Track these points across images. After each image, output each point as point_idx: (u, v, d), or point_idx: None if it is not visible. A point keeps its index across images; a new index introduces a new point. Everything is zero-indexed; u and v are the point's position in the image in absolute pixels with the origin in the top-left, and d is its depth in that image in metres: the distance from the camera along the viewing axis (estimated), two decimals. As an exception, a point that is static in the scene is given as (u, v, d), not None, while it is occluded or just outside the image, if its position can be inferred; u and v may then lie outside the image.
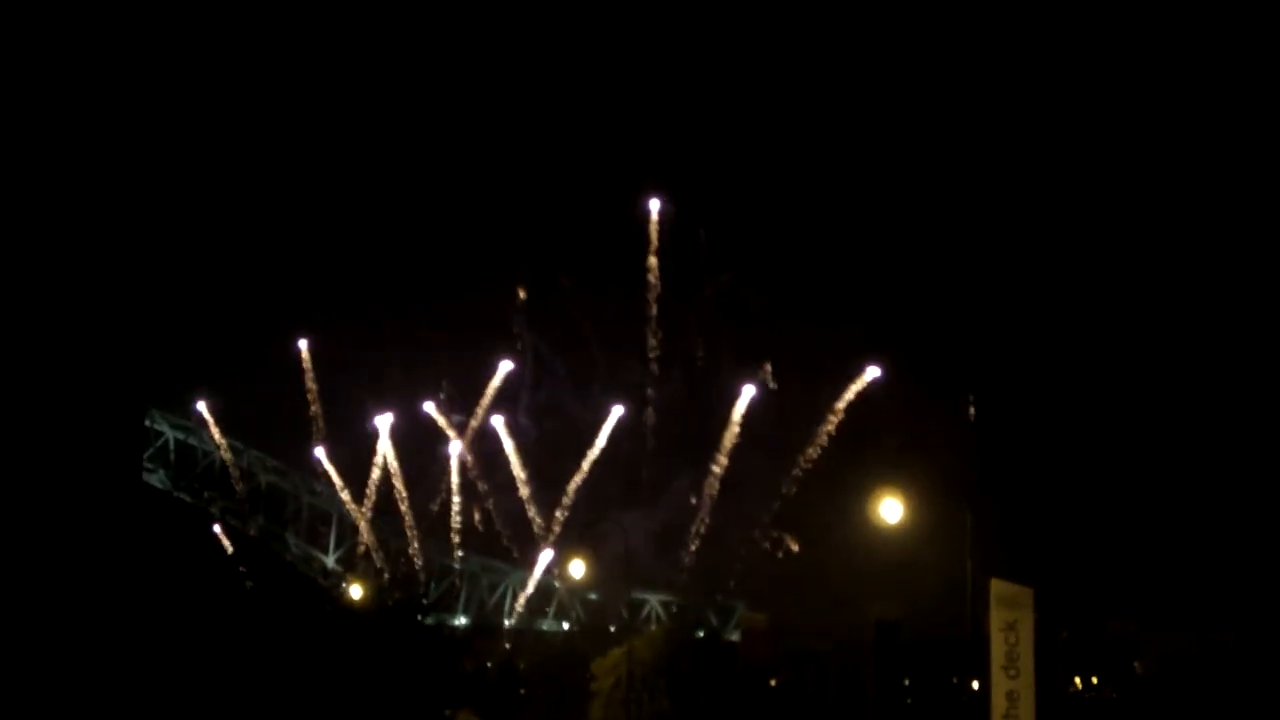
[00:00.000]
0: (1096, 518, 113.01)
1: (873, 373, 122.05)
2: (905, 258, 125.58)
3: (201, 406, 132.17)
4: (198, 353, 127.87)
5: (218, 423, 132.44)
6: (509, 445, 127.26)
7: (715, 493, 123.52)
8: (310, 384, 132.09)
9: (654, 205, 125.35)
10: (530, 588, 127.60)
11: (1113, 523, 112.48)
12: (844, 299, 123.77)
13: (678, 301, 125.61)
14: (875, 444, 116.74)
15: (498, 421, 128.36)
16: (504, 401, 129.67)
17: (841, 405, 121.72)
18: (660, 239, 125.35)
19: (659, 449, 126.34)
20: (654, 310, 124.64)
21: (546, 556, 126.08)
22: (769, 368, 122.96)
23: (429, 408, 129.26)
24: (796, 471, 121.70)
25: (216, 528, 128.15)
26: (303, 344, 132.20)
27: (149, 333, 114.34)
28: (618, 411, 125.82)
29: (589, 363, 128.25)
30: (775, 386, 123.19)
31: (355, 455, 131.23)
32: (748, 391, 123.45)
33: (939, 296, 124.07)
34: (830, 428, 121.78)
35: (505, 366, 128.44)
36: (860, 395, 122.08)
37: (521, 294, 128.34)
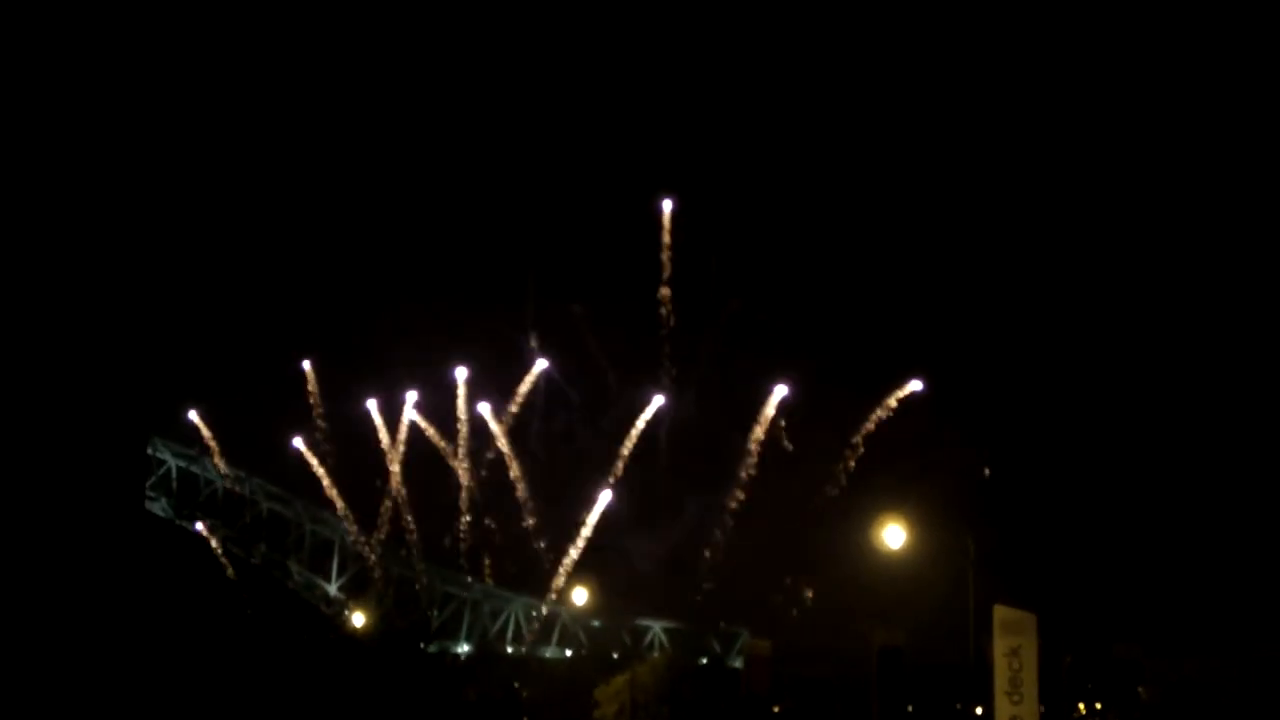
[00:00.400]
0: (1100, 543, 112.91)
1: (914, 385, 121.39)
2: (915, 287, 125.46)
3: (193, 415, 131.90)
4: (198, 379, 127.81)
5: (218, 449, 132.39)
6: (514, 470, 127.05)
7: (726, 524, 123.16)
8: (316, 404, 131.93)
9: (666, 206, 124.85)
10: (533, 614, 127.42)
11: (1116, 548, 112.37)
12: (857, 326, 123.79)
13: (690, 324, 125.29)
14: (880, 471, 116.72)
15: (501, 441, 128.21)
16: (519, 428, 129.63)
17: (875, 420, 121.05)
18: (673, 241, 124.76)
19: (671, 470, 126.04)
20: (670, 320, 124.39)
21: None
22: (783, 424, 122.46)
23: (433, 436, 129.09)
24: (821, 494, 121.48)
25: (218, 554, 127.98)
26: (306, 364, 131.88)
27: (151, 359, 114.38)
28: (658, 401, 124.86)
29: (601, 388, 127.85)
30: (791, 447, 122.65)
31: (359, 480, 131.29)
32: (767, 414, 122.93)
33: (945, 326, 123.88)
34: (849, 462, 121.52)
35: (540, 365, 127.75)
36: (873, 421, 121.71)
37: (533, 342, 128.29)
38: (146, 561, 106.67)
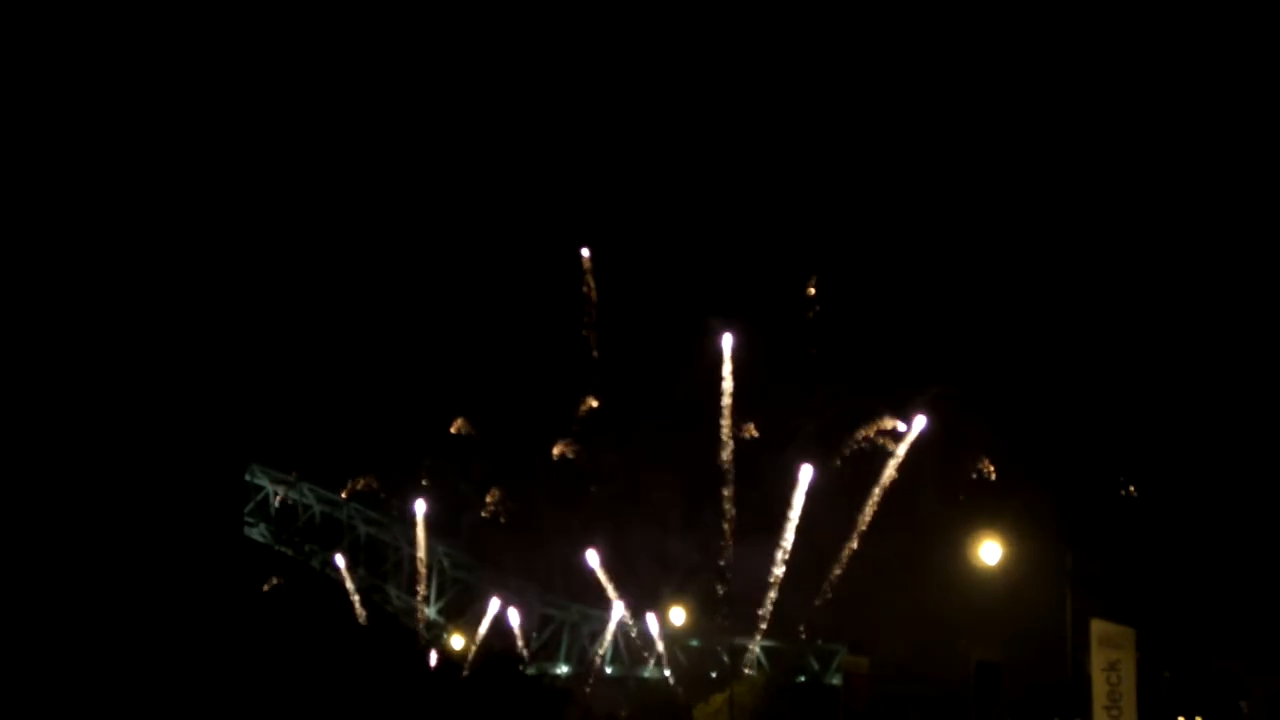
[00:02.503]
0: (1198, 557, 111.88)
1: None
2: (999, 305, 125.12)
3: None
4: (299, 405, 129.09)
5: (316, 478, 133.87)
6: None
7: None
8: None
9: (726, 340, 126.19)
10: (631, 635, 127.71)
11: (1215, 562, 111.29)
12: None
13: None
14: (974, 487, 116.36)
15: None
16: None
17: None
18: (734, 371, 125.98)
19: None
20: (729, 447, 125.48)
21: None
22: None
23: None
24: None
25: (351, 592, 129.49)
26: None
27: (249, 387, 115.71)
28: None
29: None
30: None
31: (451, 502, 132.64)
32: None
33: (1043, 343, 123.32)
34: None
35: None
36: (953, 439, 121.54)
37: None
38: (245, 587, 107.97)
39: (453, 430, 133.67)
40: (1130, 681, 56.08)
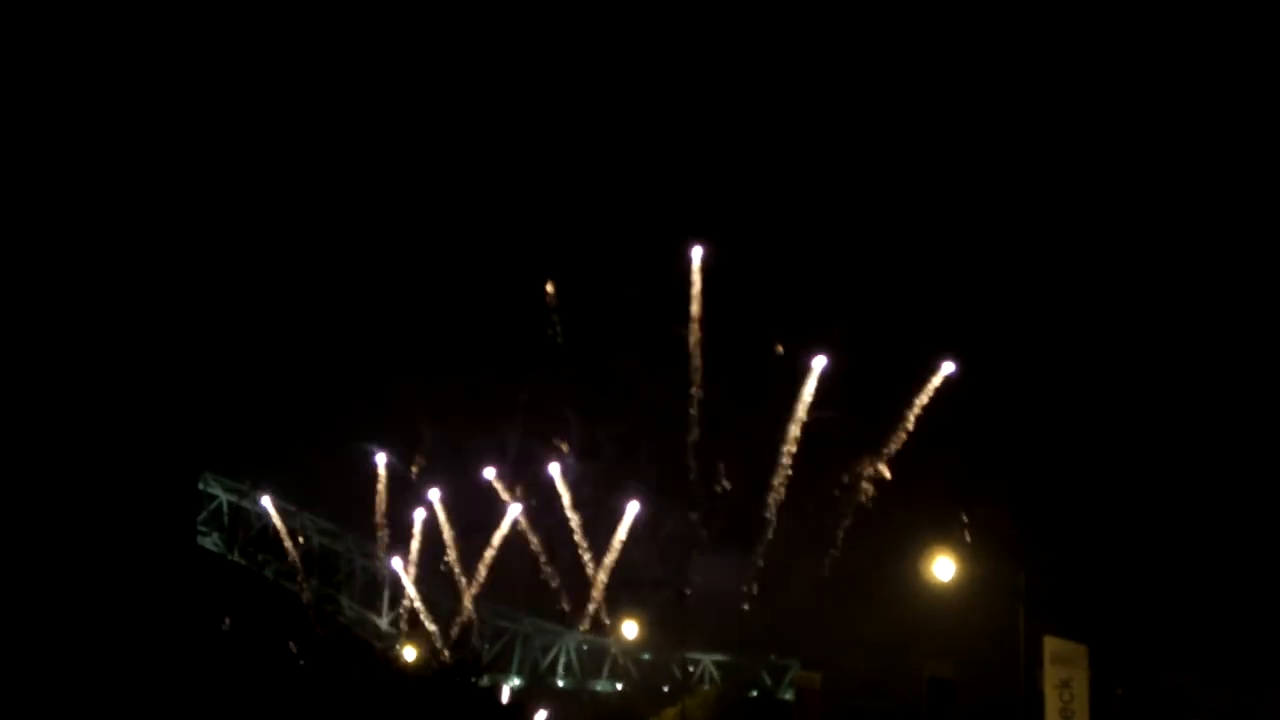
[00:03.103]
0: (1151, 573, 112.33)
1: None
2: (949, 305, 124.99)
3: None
4: (250, 414, 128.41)
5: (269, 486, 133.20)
6: (566, 498, 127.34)
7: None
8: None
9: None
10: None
11: (1168, 578, 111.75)
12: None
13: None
14: (928, 499, 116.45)
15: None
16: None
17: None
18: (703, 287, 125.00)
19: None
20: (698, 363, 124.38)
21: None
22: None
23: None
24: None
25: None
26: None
27: (202, 395, 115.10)
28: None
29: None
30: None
31: (405, 512, 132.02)
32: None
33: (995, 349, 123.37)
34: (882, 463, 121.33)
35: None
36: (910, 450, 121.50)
37: (563, 448, 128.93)
38: (198, 596, 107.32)
39: None
40: (1083, 699, 56.39)
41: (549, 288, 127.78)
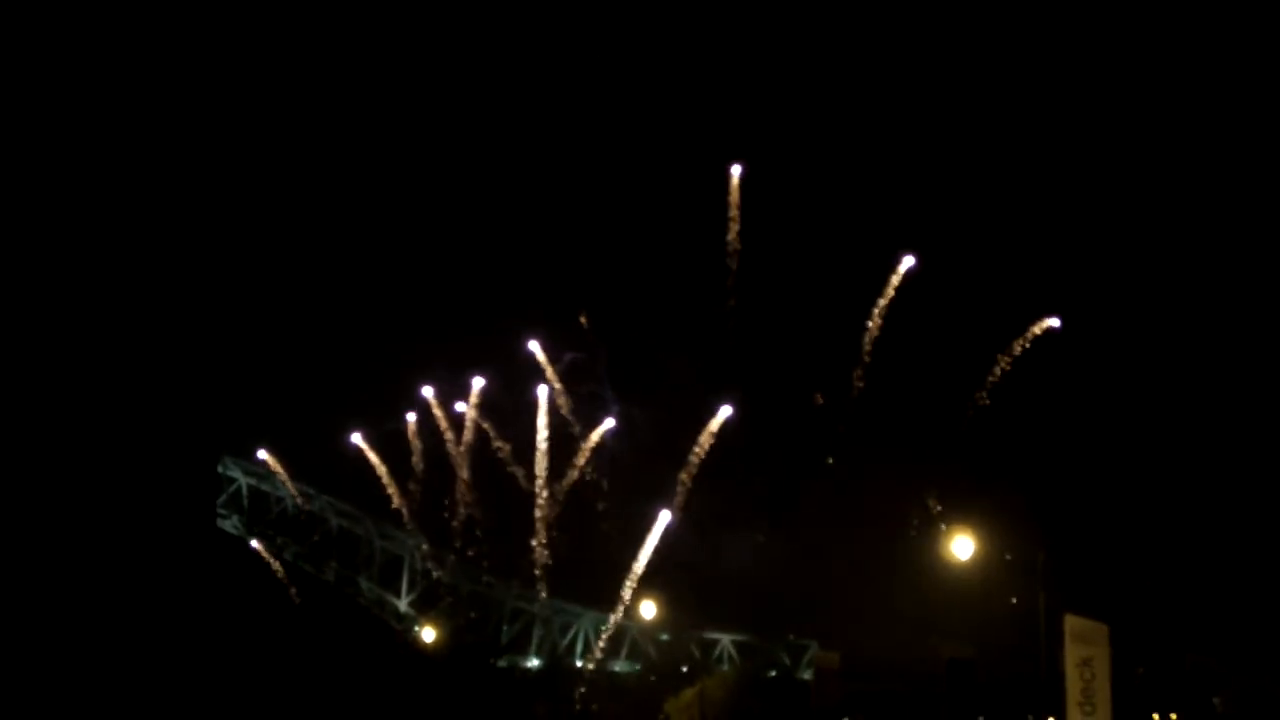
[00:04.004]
0: (1172, 552, 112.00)
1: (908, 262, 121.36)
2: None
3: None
4: (267, 396, 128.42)
5: (286, 467, 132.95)
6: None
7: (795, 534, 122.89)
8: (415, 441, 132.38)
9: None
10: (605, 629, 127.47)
11: (1188, 557, 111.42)
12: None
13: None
14: (947, 481, 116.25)
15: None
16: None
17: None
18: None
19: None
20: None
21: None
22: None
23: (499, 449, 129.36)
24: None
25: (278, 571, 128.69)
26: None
27: (222, 379, 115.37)
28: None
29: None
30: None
31: (430, 497, 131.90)
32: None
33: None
34: None
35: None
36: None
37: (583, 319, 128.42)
38: (217, 578, 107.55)
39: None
40: (1104, 677, 56.08)
41: (582, 318, 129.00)
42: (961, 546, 67.78)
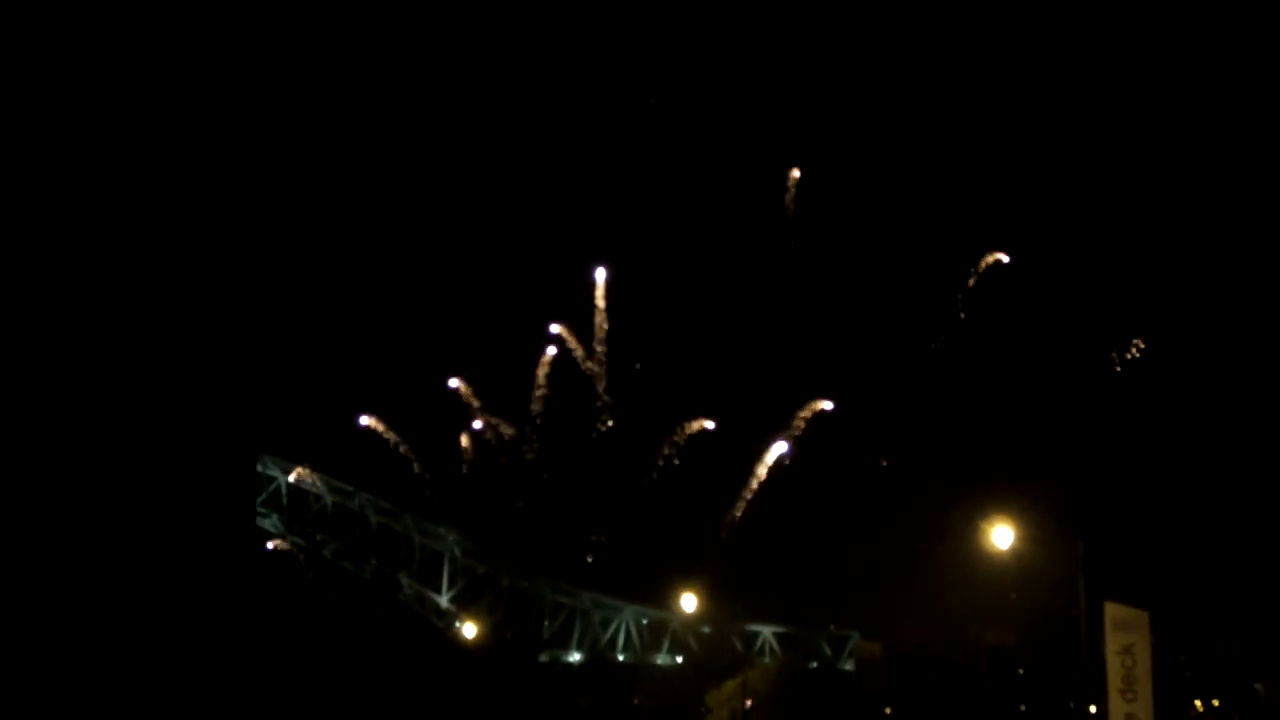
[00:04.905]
0: (1213, 538, 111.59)
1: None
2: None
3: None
4: (307, 397, 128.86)
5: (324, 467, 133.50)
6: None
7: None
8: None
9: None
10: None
11: (1229, 543, 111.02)
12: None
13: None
14: (987, 469, 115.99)
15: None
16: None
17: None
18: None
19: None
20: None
21: None
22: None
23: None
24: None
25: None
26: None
27: (260, 379, 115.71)
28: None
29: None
30: None
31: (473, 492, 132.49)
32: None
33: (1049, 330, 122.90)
34: None
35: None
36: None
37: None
38: (257, 577, 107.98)
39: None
40: (1145, 665, 55.98)
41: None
42: (1001, 536, 67.72)
